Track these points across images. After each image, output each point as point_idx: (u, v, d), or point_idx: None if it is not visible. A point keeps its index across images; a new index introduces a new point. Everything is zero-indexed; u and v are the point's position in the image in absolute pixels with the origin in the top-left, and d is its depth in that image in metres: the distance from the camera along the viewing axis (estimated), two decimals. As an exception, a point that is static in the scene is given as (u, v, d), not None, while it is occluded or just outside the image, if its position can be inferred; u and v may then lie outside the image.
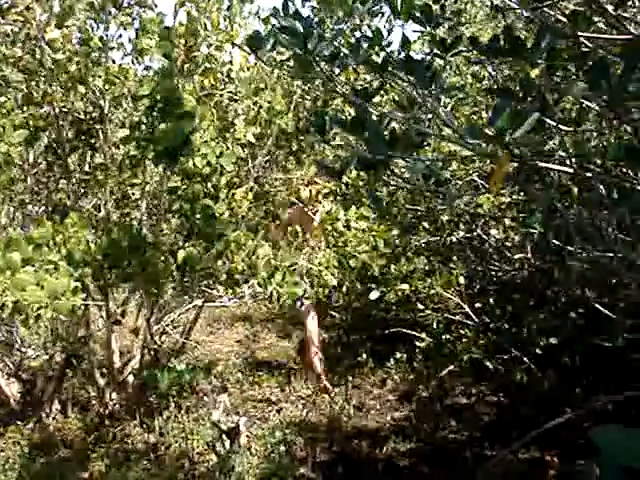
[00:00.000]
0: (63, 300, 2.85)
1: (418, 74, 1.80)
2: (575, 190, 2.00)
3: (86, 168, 4.48)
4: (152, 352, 4.56)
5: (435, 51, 1.97)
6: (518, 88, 1.43)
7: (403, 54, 1.95)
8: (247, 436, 3.91)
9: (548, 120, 1.51)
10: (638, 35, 1.58)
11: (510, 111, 1.29)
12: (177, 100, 3.24)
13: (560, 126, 1.54)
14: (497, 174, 1.41)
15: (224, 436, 3.89)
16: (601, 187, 2.11)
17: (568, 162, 1.80)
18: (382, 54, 2.02)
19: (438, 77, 1.80)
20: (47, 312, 2.81)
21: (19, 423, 4.68)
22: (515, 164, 1.47)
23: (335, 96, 3.89)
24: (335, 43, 1.92)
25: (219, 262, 3.39)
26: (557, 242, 2.16)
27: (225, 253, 3.36)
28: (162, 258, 3.49)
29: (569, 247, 2.22)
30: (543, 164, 1.62)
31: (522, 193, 4.39)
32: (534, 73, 1.43)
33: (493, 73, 3.07)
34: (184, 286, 3.73)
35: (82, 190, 4.63)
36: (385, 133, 1.90)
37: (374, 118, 1.73)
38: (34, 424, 4.67)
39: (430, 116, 1.98)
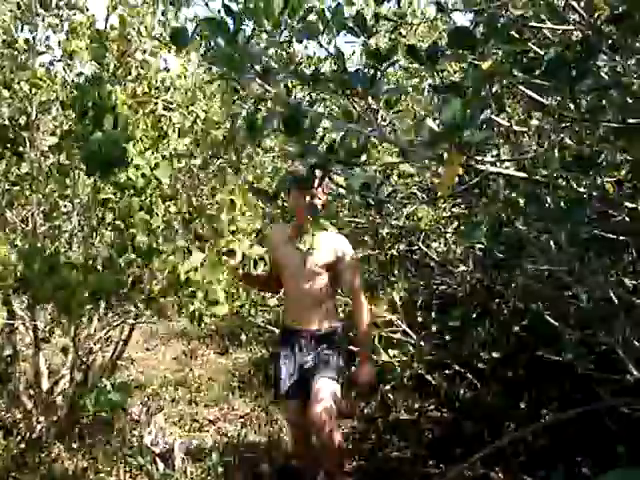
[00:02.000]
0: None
1: (353, 86, 1.69)
2: (521, 202, 1.91)
3: (12, 178, 4.25)
4: (82, 372, 4.35)
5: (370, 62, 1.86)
6: (466, 84, 1.33)
7: (336, 66, 1.84)
8: (182, 459, 3.74)
9: (499, 120, 1.42)
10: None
11: (460, 106, 1.19)
12: (110, 108, 3.07)
13: (512, 125, 1.46)
14: (447, 175, 1.31)
15: (158, 459, 3.71)
16: (547, 198, 2.04)
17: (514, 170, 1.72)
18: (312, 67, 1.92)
19: (375, 88, 1.70)
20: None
21: None
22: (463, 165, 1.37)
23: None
24: (265, 57, 1.80)
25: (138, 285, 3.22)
26: (502, 256, 2.08)
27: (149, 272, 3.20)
28: (79, 279, 3.31)
29: (515, 261, 2.14)
30: (493, 168, 1.53)
31: (463, 206, 4.36)
32: (485, 65, 1.33)
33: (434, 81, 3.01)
34: (107, 307, 3.57)
35: (8, 201, 4.40)
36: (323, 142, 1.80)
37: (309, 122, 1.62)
38: (-47, 449, 4.41)
39: (369, 129, 1.87)
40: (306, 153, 1.75)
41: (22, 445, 4.38)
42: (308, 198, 3.27)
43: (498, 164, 1.81)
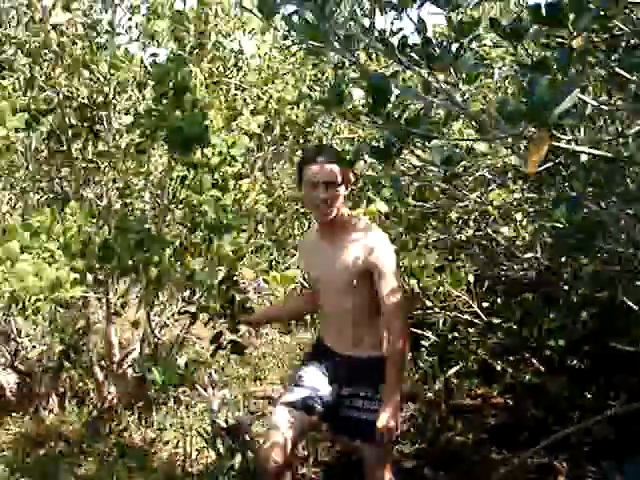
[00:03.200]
0: (62, 292, 2.75)
1: (435, 58, 1.69)
2: (603, 181, 1.89)
3: (89, 156, 4.38)
4: (152, 345, 4.46)
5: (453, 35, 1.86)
6: (555, 62, 1.32)
7: (419, 37, 1.84)
8: (247, 433, 3.80)
9: (588, 99, 1.41)
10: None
11: (549, 83, 1.18)
12: (190, 88, 3.14)
13: (599, 104, 1.44)
14: (535, 154, 1.30)
15: (224, 433, 3.78)
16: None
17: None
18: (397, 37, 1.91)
19: (459, 62, 1.69)
20: (46, 304, 2.71)
21: (15, 415, 4.59)
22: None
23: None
24: (350, 23, 1.82)
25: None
26: (580, 236, 2.05)
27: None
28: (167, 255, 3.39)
29: (593, 242, 2.12)
30: (578, 147, 1.51)
31: (536, 190, 4.30)
32: (576, 43, 1.32)
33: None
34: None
35: (84, 178, 4.53)
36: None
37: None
38: (30, 417, 4.59)
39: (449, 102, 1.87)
40: (387, 125, 1.76)
41: (94, 414, 4.54)
42: (323, 191, 2.66)
43: (580, 143, 1.79)
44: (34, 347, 4.46)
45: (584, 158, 2.24)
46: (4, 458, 4.06)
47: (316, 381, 2.87)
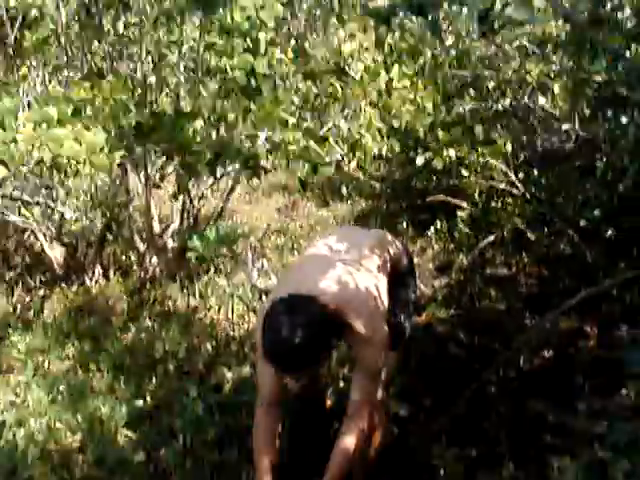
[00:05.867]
0: (101, 156, 2.80)
1: None
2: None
3: (120, 28, 4.33)
4: (191, 217, 4.55)
5: None
6: None
7: None
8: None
9: None
10: None
11: None
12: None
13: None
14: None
15: (264, 297, 3.91)
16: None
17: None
18: None
19: None
20: (85, 168, 2.75)
21: (63, 286, 4.77)
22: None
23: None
24: None
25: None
26: (622, 90, 2.02)
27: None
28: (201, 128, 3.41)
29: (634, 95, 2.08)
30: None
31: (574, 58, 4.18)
32: None
33: None
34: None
35: (118, 53, 4.50)
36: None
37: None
38: (77, 287, 4.76)
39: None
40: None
41: (138, 285, 4.70)
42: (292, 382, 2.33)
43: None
44: (76, 220, 4.56)
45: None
46: (57, 325, 4.26)
47: None
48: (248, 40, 3.23)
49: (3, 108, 3.13)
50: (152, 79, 4.38)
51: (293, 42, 3.83)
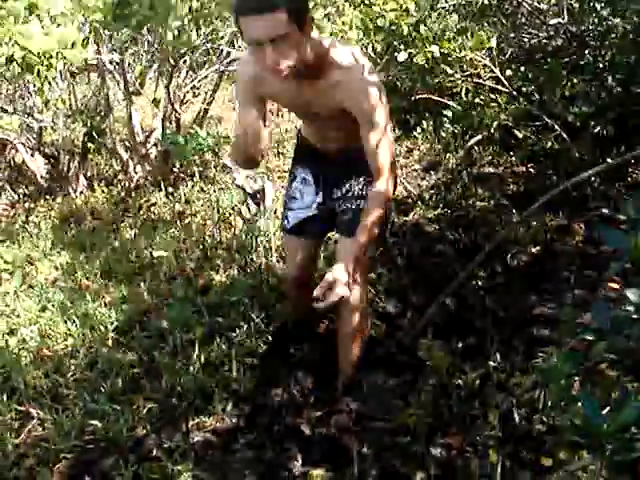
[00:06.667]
0: (75, 51, 2.69)
1: None
2: None
3: None
4: (174, 123, 4.48)
5: None
6: None
7: None
8: (272, 199, 3.89)
9: None
10: None
11: None
12: None
13: None
14: None
15: (249, 199, 3.87)
16: None
17: None
18: None
19: None
20: (58, 62, 2.65)
21: (47, 198, 4.74)
22: None
23: None
24: None
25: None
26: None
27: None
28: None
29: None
30: None
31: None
32: None
33: None
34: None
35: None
36: None
37: None
38: (62, 199, 4.73)
39: None
40: None
41: (123, 194, 4.67)
42: (271, 51, 1.94)
43: None
44: (56, 129, 4.48)
45: None
46: (43, 235, 4.24)
47: (308, 195, 2.64)
48: None
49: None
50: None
51: None
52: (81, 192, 4.81)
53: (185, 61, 4.02)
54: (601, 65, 4.60)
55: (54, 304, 3.44)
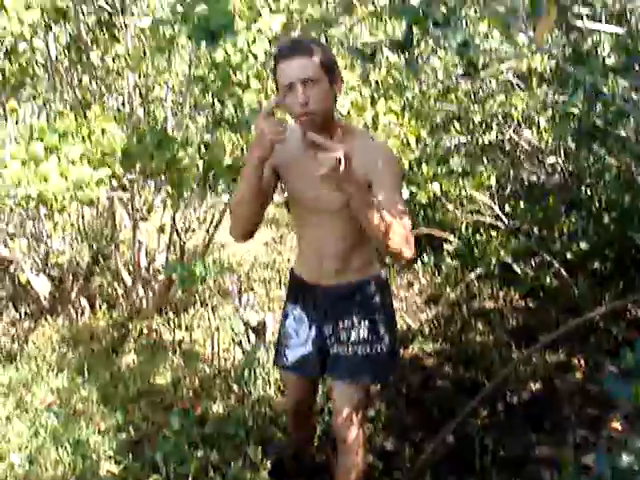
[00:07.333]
0: (87, 191, 2.81)
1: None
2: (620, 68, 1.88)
3: (109, 62, 4.38)
4: (178, 250, 4.55)
5: None
6: None
7: None
8: (274, 332, 3.91)
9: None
10: None
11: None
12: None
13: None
14: (543, 25, 1.31)
15: (250, 332, 3.90)
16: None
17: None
18: None
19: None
20: (71, 202, 2.77)
21: (49, 318, 4.75)
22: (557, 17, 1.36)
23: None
24: None
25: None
26: (598, 124, 2.05)
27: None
28: (188, 154, 3.43)
29: (612, 129, 2.11)
30: (595, 25, 1.50)
31: (559, 91, 4.25)
32: None
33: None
34: (208, 182, 3.66)
35: (105, 86, 4.54)
36: None
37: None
38: (63, 320, 4.74)
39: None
40: (403, 11, 1.76)
41: (124, 317, 4.68)
42: (301, 91, 2.09)
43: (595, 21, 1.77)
44: (63, 252, 4.56)
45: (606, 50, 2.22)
46: (41, 356, 4.22)
47: (303, 331, 2.57)
48: (238, 74, 3.26)
49: (-10, 142, 3.16)
50: (140, 113, 4.42)
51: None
52: (82, 314, 4.82)
53: (193, 192, 4.13)
54: (597, 204, 4.75)
55: (47, 429, 3.39)
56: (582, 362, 3.91)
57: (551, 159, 4.88)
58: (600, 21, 1.89)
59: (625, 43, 1.81)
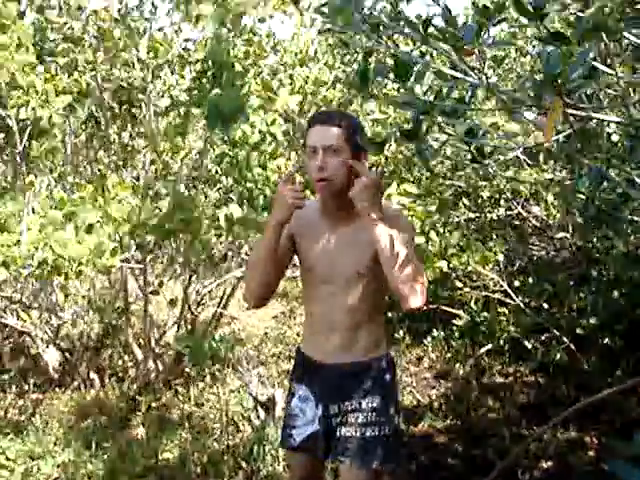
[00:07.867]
0: (103, 259, 2.86)
1: (461, 39, 1.74)
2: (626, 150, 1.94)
3: (126, 139, 4.50)
4: (189, 324, 4.58)
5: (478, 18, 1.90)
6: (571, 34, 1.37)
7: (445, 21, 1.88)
8: (283, 408, 3.90)
9: (604, 67, 1.45)
10: None
11: (562, 53, 1.24)
12: (230, 65, 3.24)
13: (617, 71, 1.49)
14: (550, 119, 1.36)
15: (259, 407, 3.89)
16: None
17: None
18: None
19: (482, 41, 1.74)
20: (87, 268, 2.81)
21: (57, 390, 4.74)
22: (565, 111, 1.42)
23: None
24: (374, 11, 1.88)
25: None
26: (604, 207, 2.10)
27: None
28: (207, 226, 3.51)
29: (618, 214, 2.15)
30: (597, 115, 1.56)
31: (566, 167, 4.31)
32: (588, 12, 1.36)
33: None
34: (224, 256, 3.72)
35: (122, 160, 4.64)
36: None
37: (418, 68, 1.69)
38: (72, 392, 4.73)
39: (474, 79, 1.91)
40: (412, 101, 1.82)
41: (133, 391, 4.67)
42: (321, 156, 2.22)
43: (600, 111, 1.83)
44: (74, 323, 4.59)
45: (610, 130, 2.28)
46: (48, 430, 4.20)
47: (310, 410, 2.49)
48: (256, 153, 3.36)
49: (7, 212, 3.23)
50: (157, 187, 4.51)
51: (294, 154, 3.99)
52: (91, 386, 4.82)
53: (205, 265, 4.19)
54: (605, 279, 4.77)
55: (52, 505, 3.36)
56: (594, 439, 3.87)
57: (559, 234, 4.93)
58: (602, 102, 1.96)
59: (627, 131, 1.87)
